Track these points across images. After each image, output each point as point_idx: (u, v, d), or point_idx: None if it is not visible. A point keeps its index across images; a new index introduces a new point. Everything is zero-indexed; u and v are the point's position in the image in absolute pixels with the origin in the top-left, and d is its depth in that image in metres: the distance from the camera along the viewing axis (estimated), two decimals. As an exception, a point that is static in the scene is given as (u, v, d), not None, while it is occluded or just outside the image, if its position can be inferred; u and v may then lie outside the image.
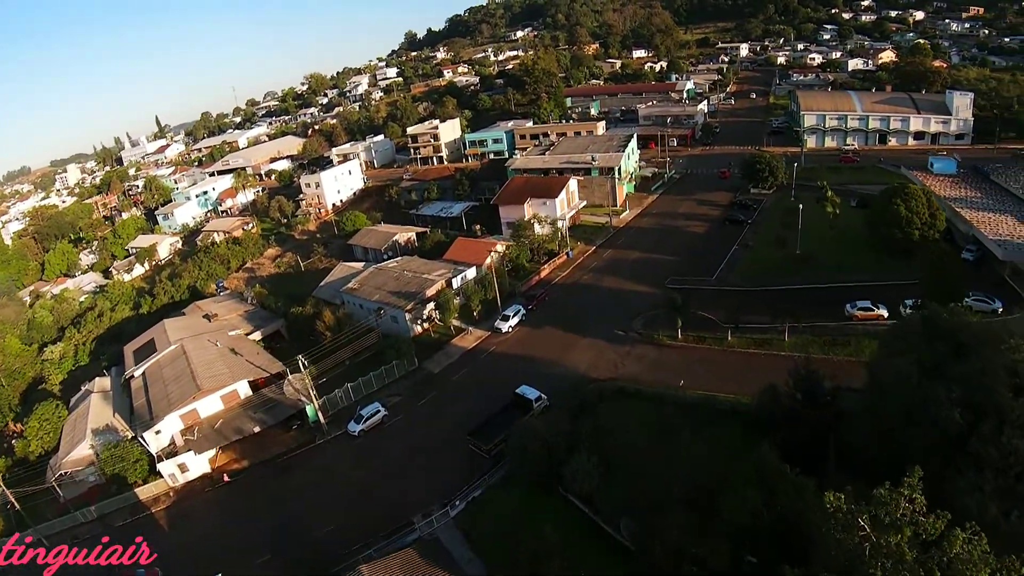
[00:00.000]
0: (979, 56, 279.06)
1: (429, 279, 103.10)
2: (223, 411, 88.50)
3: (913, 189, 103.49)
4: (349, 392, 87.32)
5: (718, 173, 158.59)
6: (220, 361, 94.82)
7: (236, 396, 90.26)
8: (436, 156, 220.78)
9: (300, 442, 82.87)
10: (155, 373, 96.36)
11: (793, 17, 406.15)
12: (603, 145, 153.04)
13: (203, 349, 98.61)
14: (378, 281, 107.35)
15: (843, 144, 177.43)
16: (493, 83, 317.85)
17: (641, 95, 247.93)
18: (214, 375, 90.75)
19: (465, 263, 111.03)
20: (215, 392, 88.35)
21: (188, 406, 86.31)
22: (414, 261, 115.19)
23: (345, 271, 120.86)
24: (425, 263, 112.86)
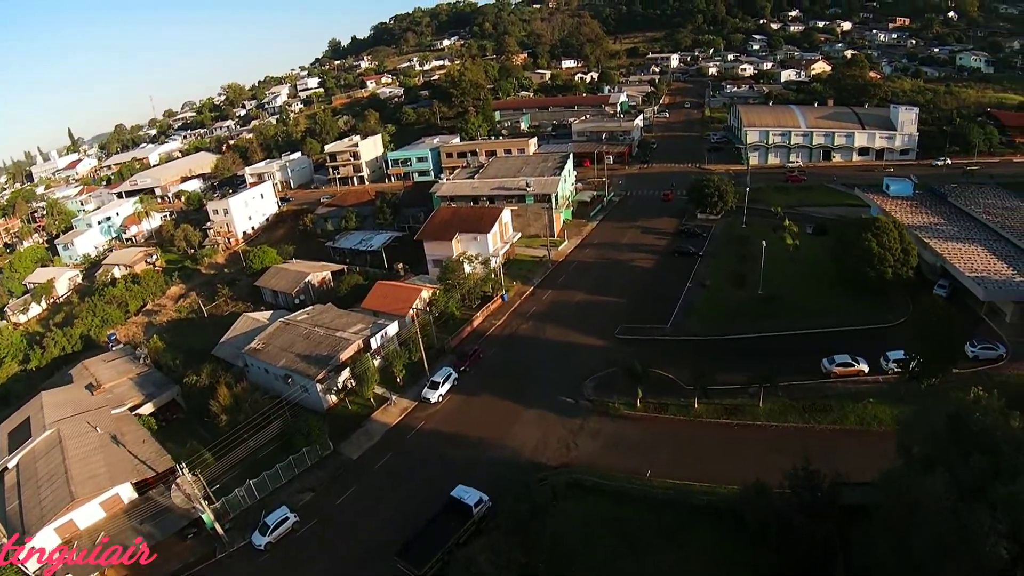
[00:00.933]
0: (911, 67, 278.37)
1: (344, 338, 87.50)
2: (105, 520, 70.83)
3: (883, 222, 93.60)
4: (252, 490, 70.69)
5: (661, 195, 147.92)
6: (99, 455, 76.74)
7: (119, 501, 72.55)
8: (356, 176, 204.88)
9: (198, 556, 65.79)
10: (29, 467, 77.68)
11: (722, 27, 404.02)
12: (537, 167, 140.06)
13: (81, 436, 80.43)
14: (285, 340, 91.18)
15: (787, 161, 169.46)
16: (418, 95, 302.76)
17: (573, 108, 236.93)
18: (91, 476, 72.67)
19: (386, 313, 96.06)
20: (93, 499, 70.97)
21: (63, 517, 68.51)
22: (327, 312, 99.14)
23: (249, 324, 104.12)
24: (340, 315, 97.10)
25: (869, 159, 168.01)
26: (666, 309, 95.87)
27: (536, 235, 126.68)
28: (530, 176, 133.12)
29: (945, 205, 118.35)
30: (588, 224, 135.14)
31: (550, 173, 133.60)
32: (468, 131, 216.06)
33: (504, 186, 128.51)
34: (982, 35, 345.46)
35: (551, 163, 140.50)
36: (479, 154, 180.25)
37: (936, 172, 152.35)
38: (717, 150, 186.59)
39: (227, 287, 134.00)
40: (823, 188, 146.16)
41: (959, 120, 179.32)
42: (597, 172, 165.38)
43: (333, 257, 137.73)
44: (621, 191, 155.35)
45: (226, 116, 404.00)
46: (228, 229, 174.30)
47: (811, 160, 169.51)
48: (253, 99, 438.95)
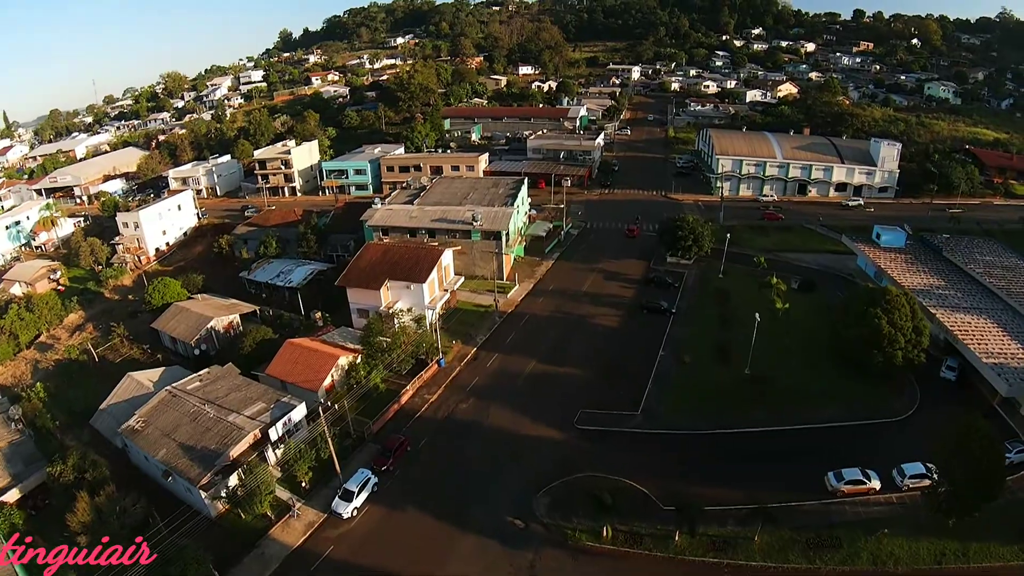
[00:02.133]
0: (878, 93, 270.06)
1: (236, 425, 68.78)
2: None
3: (893, 295, 79.18)
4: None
5: (625, 229, 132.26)
6: None
7: None
8: (288, 186, 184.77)
9: None
10: None
11: (684, 41, 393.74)
12: (486, 192, 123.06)
13: None
14: (169, 420, 71.72)
15: (760, 193, 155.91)
16: (364, 96, 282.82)
17: (529, 120, 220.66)
18: None
19: (295, 385, 77.75)
20: None
21: None
22: (225, 379, 79.77)
23: (133, 389, 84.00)
24: (239, 385, 77.97)
25: (846, 194, 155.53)
26: (635, 387, 79.56)
27: (483, 276, 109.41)
28: (478, 204, 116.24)
29: (941, 261, 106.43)
30: (543, 263, 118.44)
31: (501, 202, 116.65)
32: (414, 141, 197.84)
33: (447, 217, 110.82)
34: (945, 64, 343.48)
35: (502, 189, 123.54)
36: (423, 169, 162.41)
37: (914, 212, 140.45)
38: (684, 175, 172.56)
39: (123, 326, 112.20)
40: (803, 229, 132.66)
41: (937, 156, 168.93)
42: (554, 197, 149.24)
43: (248, 290, 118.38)
44: (580, 222, 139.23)
45: (163, 108, 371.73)
46: (139, 245, 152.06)
47: (785, 193, 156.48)
48: (194, 90, 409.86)
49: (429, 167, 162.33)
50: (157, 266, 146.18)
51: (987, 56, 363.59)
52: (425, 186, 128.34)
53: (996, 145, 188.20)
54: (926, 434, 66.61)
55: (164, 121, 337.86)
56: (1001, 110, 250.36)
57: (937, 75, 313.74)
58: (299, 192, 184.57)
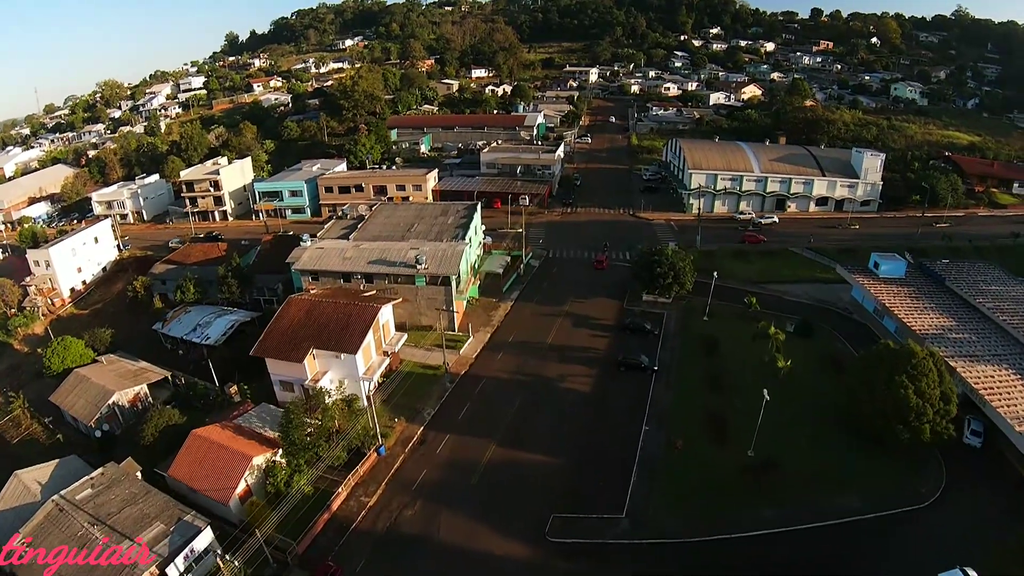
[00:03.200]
0: (843, 95, 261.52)
1: (126, 567, 52.31)
2: None
3: (920, 357, 66.06)
4: None
5: (593, 260, 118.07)
6: None
7: None
8: (219, 211, 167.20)
9: None
10: None
11: (642, 41, 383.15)
12: (434, 223, 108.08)
13: None
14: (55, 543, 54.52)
15: (736, 210, 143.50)
16: (305, 104, 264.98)
17: (483, 129, 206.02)
18: None
19: (203, 494, 61.99)
20: None
21: None
22: (119, 487, 61.87)
23: (19, 494, 66.70)
24: (135, 497, 60.55)
25: (827, 210, 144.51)
26: (617, 478, 65.23)
27: (431, 327, 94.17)
28: (424, 238, 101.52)
29: (946, 293, 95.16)
30: (500, 305, 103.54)
31: (450, 235, 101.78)
32: (357, 155, 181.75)
33: (387, 258, 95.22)
34: (907, 63, 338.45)
35: (452, 218, 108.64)
36: (365, 190, 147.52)
37: (898, 228, 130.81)
38: (652, 190, 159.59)
39: (22, 395, 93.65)
40: (789, 255, 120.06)
41: (917, 165, 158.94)
42: (511, 218, 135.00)
43: (165, 344, 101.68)
44: (542, 250, 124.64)
45: (98, 118, 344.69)
46: (51, 286, 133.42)
47: (763, 208, 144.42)
48: (132, 98, 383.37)
49: (372, 187, 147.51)
50: (72, 309, 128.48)
51: (946, 54, 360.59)
52: (363, 216, 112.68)
53: (972, 150, 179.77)
54: (958, 524, 58.64)
55: (98, 134, 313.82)
56: (968, 110, 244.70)
57: (901, 75, 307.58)
58: (231, 216, 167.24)
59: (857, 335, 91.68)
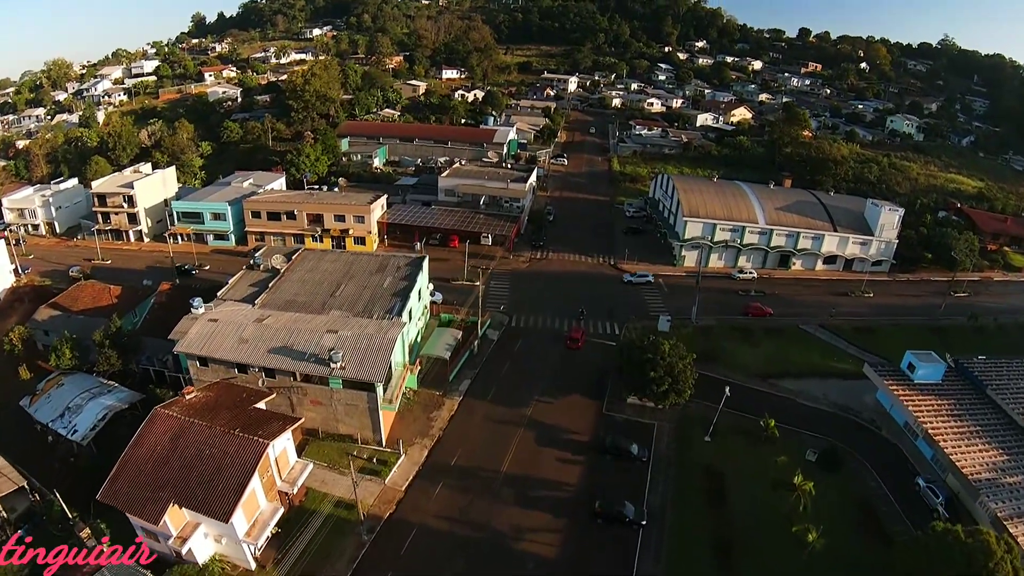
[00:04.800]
0: (838, 124, 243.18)
1: None
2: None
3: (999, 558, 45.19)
4: None
5: (565, 337, 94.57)
6: None
7: None
8: (133, 230, 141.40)
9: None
10: None
11: (625, 50, 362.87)
12: (366, 284, 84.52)
13: None
14: None
15: (734, 265, 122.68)
16: (253, 101, 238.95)
17: (446, 144, 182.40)
18: None
19: None
20: None
21: None
22: None
23: None
24: None
25: (835, 269, 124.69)
26: None
27: (350, 435, 70.75)
28: (350, 310, 78.07)
29: (990, 408, 75.89)
30: (445, 403, 79.94)
31: (384, 307, 78.57)
32: (300, 167, 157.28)
33: (296, 345, 70.72)
34: (895, 91, 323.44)
35: (390, 279, 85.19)
36: (298, 218, 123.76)
37: (923, 297, 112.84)
38: (635, 232, 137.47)
39: None
40: (800, 335, 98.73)
41: (929, 217, 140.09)
42: (468, 262, 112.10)
43: (33, 426, 76.57)
44: (503, 314, 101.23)
45: (40, 102, 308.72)
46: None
47: (765, 265, 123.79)
48: (81, 80, 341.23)
49: (306, 216, 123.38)
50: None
51: (934, 84, 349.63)
52: (278, 270, 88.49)
53: (980, 200, 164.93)
54: None
55: (38, 119, 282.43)
56: (964, 149, 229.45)
57: (892, 104, 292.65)
58: (146, 237, 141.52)
59: (892, 465, 71.71)
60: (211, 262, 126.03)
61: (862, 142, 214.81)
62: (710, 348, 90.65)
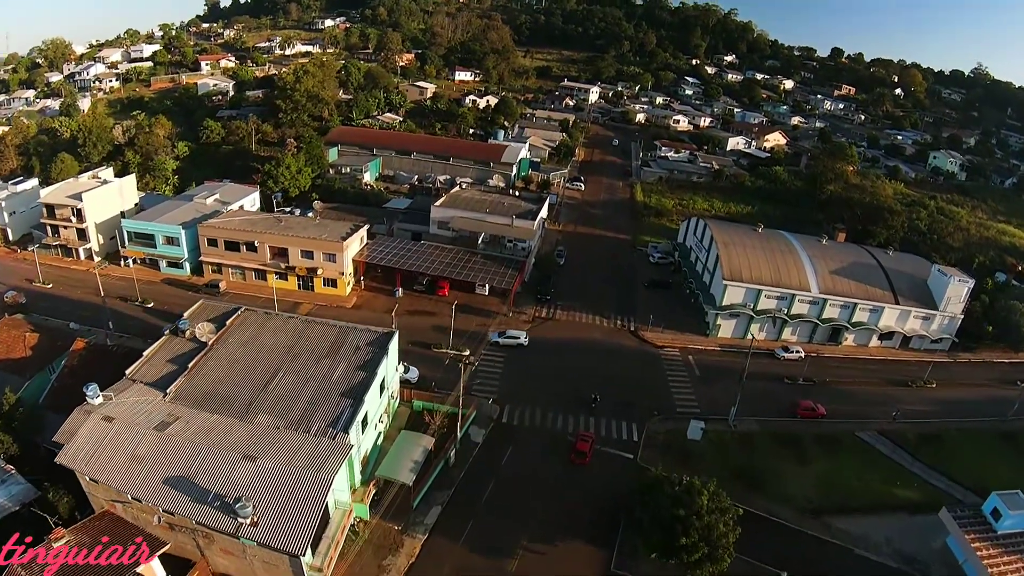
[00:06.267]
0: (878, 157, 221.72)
1: None
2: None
3: None
4: None
5: (569, 446, 73.43)
6: None
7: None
8: (83, 247, 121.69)
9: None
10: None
11: (650, 61, 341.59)
12: (310, 374, 64.11)
13: None
14: None
15: (776, 338, 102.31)
16: (244, 97, 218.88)
17: (448, 160, 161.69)
18: None
19: None
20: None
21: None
22: None
23: None
24: None
25: (892, 346, 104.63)
26: None
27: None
28: (283, 416, 58.36)
29: None
30: (404, 544, 59.21)
31: (328, 413, 58.66)
32: (278, 180, 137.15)
33: (200, 478, 50.57)
34: (930, 120, 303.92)
35: (343, 367, 64.68)
36: (259, 251, 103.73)
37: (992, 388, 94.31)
38: (659, 286, 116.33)
39: None
40: (856, 446, 78.55)
41: (991, 284, 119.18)
42: (454, 322, 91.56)
43: None
44: (491, 403, 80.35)
45: (32, 83, 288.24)
46: None
47: (812, 339, 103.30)
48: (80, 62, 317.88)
49: (268, 249, 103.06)
50: None
51: (969, 115, 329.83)
52: (205, 344, 68.10)
53: None
54: None
55: (27, 102, 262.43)
56: (1007, 191, 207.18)
57: (929, 135, 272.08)
58: (96, 256, 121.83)
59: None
60: (158, 295, 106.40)
61: (904, 178, 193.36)
62: (752, 466, 70.55)
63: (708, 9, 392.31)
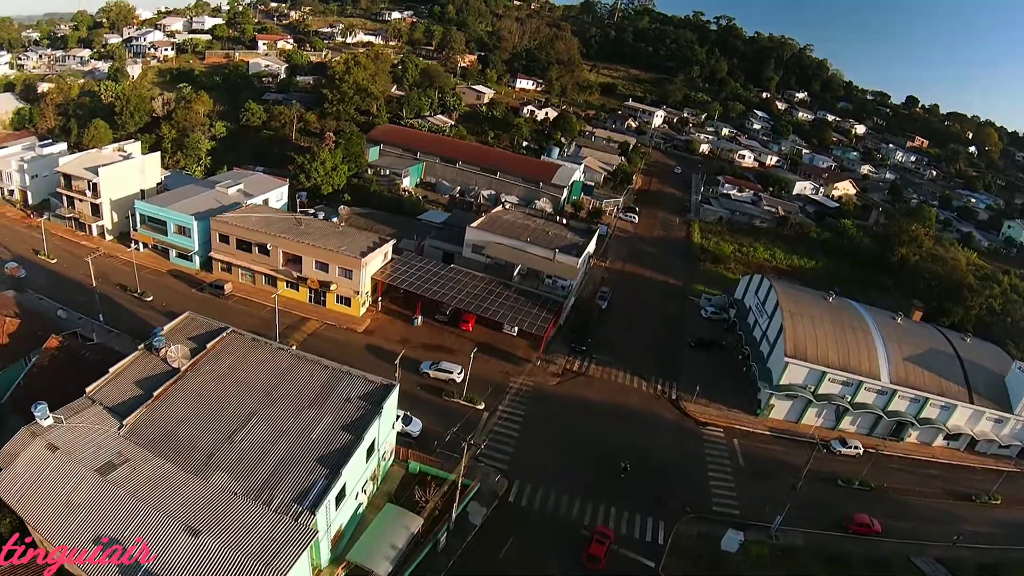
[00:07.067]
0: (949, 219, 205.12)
1: None
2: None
3: None
4: None
5: (583, 542, 61.52)
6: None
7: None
8: (96, 223, 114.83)
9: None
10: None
11: (719, 89, 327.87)
12: (282, 432, 53.61)
13: None
14: None
15: (833, 426, 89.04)
16: (293, 82, 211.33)
17: (495, 173, 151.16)
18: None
19: None
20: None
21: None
22: None
23: None
24: None
25: (957, 448, 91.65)
26: None
27: None
28: (257, 464, 50.10)
29: None
30: None
31: (297, 482, 49.05)
32: (310, 175, 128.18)
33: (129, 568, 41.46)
34: (1002, 183, 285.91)
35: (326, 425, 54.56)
36: (272, 255, 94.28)
37: None
38: (708, 347, 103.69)
39: None
40: (909, 571, 65.74)
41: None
42: (475, 361, 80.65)
43: None
44: (498, 474, 69.13)
45: (90, 43, 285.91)
46: None
47: (872, 432, 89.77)
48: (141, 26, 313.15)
49: (282, 254, 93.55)
50: None
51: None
52: (176, 370, 58.47)
53: None
54: None
55: (81, 61, 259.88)
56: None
57: (1002, 200, 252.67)
58: (108, 235, 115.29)
59: None
60: (160, 288, 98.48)
61: (977, 247, 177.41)
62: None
63: (783, 42, 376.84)
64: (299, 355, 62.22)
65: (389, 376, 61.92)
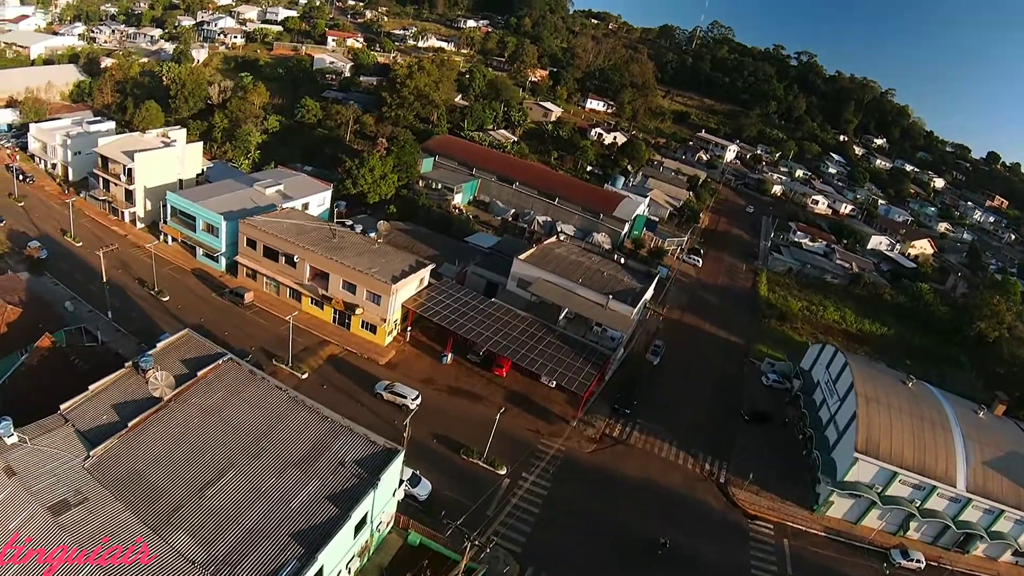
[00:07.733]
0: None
1: None
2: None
3: None
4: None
5: None
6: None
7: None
8: (128, 210, 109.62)
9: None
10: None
11: (796, 128, 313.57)
12: (276, 482, 46.98)
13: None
14: None
15: (895, 531, 77.16)
16: (356, 82, 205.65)
17: (553, 199, 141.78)
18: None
19: None
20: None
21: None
22: None
23: None
24: None
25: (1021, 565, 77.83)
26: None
27: None
28: (224, 529, 42.37)
29: None
30: None
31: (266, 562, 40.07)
32: (357, 181, 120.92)
33: None
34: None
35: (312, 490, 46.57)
36: (299, 268, 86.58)
37: None
38: (764, 419, 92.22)
39: None
40: None
41: None
42: (499, 417, 71.39)
43: None
44: (510, 557, 59.72)
45: (163, 23, 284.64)
46: None
47: (935, 540, 77.46)
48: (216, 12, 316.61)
49: (310, 269, 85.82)
50: None
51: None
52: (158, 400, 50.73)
53: None
54: None
55: (151, 39, 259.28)
56: None
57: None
58: (140, 223, 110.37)
59: None
60: (178, 288, 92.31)
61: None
62: None
63: (864, 84, 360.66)
64: (297, 399, 53.94)
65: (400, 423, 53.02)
